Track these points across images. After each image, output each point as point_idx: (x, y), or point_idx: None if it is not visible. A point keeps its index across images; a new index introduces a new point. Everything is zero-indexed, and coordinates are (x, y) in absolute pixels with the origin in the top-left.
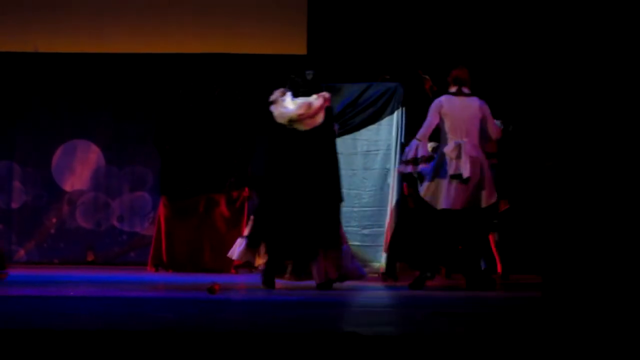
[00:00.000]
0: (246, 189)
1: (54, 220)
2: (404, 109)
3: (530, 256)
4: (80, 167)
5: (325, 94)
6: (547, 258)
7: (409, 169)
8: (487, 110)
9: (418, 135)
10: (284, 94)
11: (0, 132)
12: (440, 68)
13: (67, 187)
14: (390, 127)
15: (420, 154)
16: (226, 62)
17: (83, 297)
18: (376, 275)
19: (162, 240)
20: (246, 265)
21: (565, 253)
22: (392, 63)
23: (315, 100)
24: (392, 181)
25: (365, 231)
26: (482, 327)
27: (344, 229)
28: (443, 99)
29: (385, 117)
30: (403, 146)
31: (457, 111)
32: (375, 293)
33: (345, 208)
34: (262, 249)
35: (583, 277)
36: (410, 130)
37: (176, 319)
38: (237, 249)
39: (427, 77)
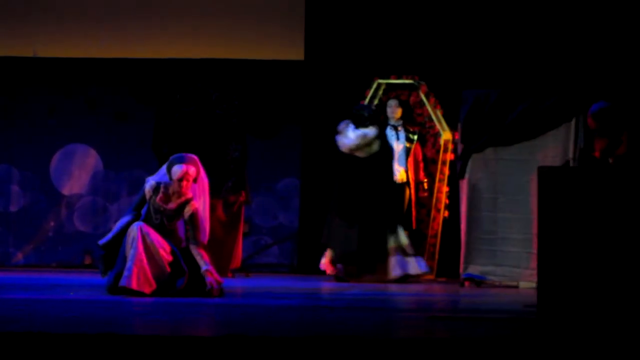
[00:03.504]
0: (243, 194)
1: (52, 223)
2: (580, 116)
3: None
4: (78, 171)
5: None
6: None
7: None
8: None
9: None
10: (347, 125)
11: None
12: (438, 73)
13: (65, 191)
14: (567, 134)
15: None
16: (223, 67)
17: (80, 300)
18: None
19: None
20: (243, 269)
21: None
22: (390, 68)
23: (371, 131)
24: None
25: (528, 237)
26: (481, 332)
27: (504, 235)
28: None
29: (562, 123)
30: (581, 151)
31: None
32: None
33: (509, 215)
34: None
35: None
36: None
37: (172, 322)
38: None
39: (423, 83)
